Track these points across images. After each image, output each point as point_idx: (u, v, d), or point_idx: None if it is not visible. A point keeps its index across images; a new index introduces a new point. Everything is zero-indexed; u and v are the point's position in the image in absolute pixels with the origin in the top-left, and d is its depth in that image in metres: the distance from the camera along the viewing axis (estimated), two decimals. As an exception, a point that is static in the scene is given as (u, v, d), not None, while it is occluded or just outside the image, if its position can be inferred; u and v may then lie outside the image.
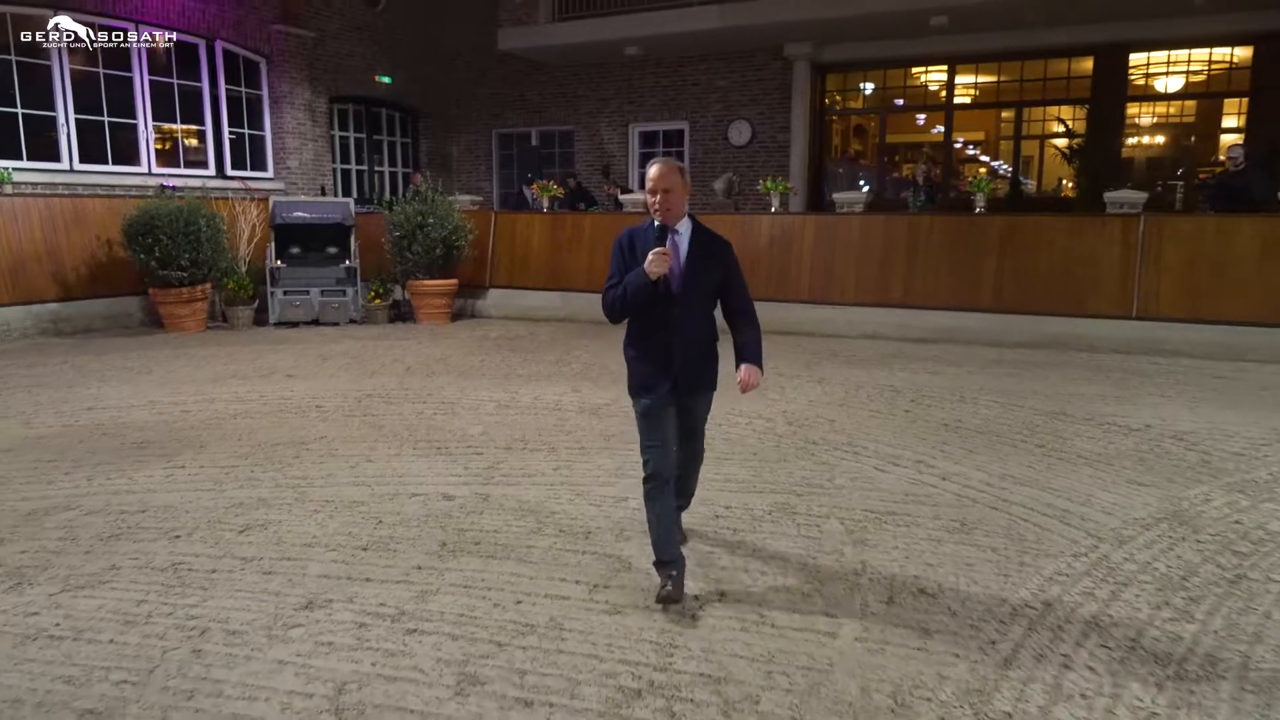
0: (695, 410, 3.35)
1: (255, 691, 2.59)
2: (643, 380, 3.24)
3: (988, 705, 2.52)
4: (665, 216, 3.08)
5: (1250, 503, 4.29)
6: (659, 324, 3.16)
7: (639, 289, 3.06)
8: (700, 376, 3.27)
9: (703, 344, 3.25)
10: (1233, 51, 11.78)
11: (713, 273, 3.20)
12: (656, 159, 3.21)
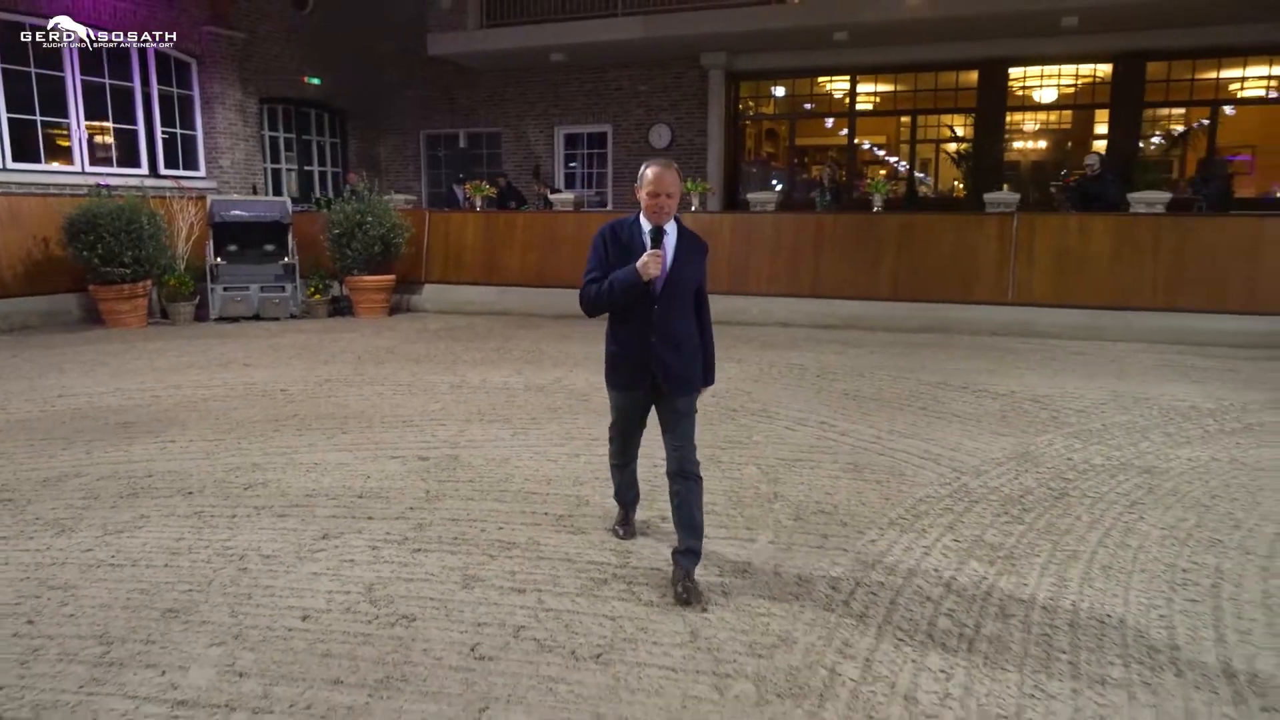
0: (679, 409, 3.26)
1: (301, 592, 3.26)
2: (621, 375, 3.31)
3: (867, 577, 3.39)
4: (661, 218, 3.13)
5: (1083, 445, 5.32)
6: (640, 322, 3.19)
7: (629, 287, 3.10)
8: (681, 375, 3.25)
9: (684, 343, 3.25)
10: (1096, 68, 13.21)
11: (695, 272, 3.26)
12: (654, 161, 3.19)
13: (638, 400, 3.34)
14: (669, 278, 3.16)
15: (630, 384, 3.29)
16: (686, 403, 3.29)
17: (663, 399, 3.28)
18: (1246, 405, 6.40)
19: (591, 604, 3.17)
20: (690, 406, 3.31)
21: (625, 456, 3.54)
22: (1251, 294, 8.98)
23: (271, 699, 2.54)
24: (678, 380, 3.25)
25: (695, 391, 3.33)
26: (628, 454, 3.54)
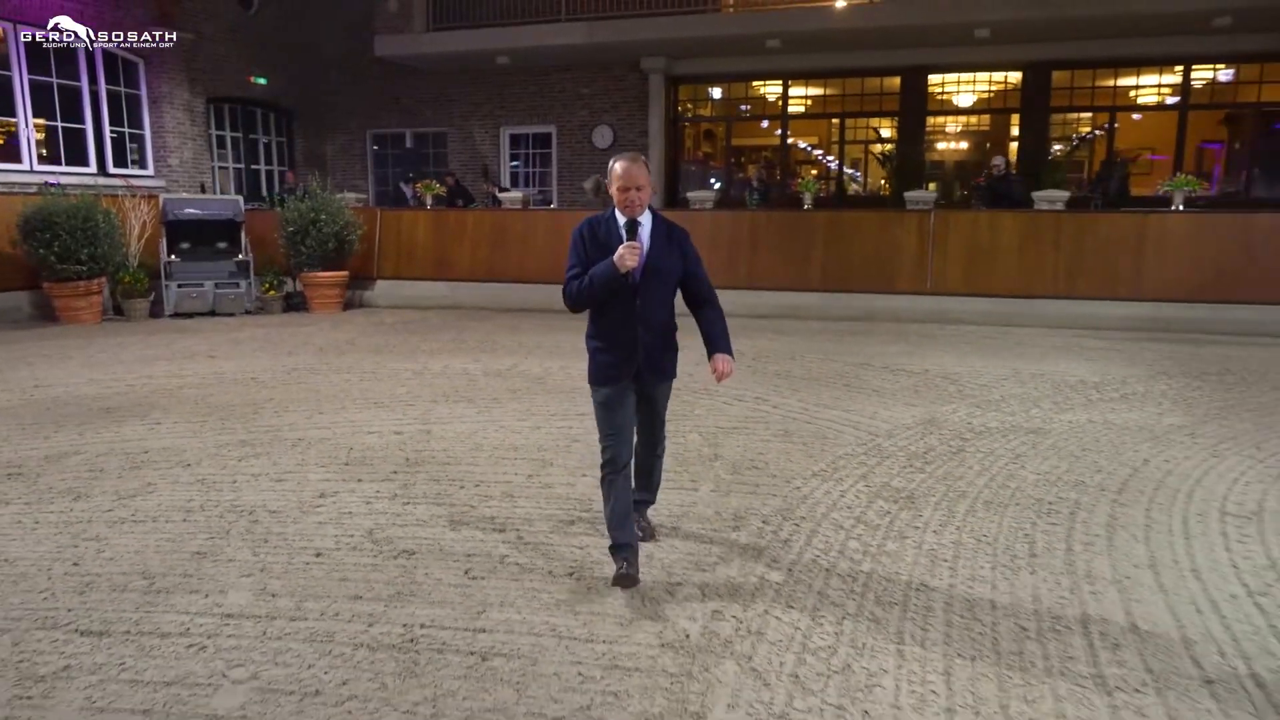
0: (656, 400, 3.44)
1: (310, 537, 3.78)
2: (605, 370, 3.31)
3: (792, 513, 4.05)
4: (634, 211, 3.18)
5: (981, 412, 6.09)
6: (622, 315, 3.25)
7: (608, 280, 3.15)
8: (662, 365, 3.35)
9: (664, 333, 3.34)
10: (1008, 76, 14.23)
11: (674, 262, 3.31)
12: (622, 155, 3.27)
13: (625, 393, 3.33)
14: (647, 268, 3.22)
15: (617, 377, 3.29)
16: (664, 390, 3.45)
17: (643, 391, 3.36)
18: (1125, 379, 7.29)
19: (563, 538, 3.76)
20: (666, 393, 3.48)
21: (621, 455, 3.33)
22: (1138, 283, 9.98)
23: (304, 610, 3.08)
24: (660, 370, 3.35)
25: (672, 379, 3.46)
26: (624, 453, 3.34)
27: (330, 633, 2.92)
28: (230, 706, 2.49)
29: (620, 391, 3.31)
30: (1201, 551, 3.66)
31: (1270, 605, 3.16)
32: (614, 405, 3.31)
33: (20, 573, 3.41)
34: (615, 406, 3.31)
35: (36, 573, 3.41)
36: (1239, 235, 9.87)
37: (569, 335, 9.47)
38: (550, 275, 11.82)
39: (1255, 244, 9.77)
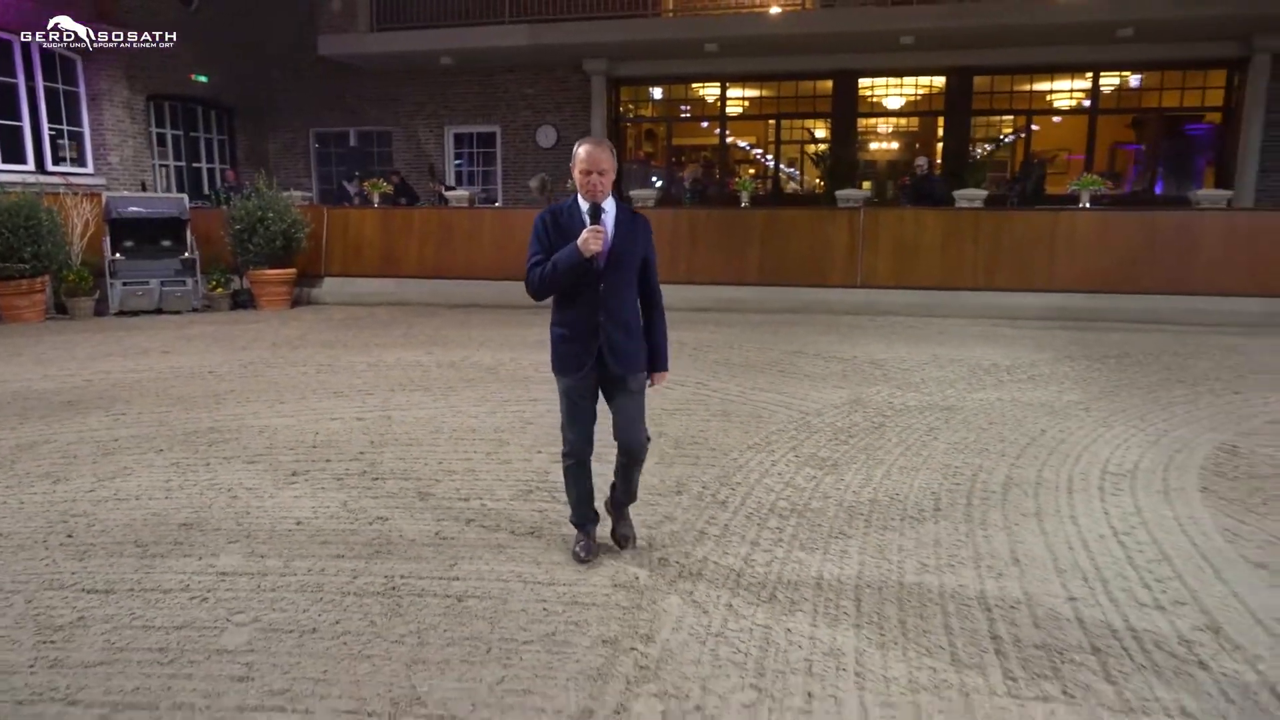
0: (627, 390, 3.33)
1: (288, 508, 4.11)
2: (567, 358, 3.28)
3: (729, 479, 4.51)
4: (597, 195, 3.14)
5: (902, 393, 6.64)
6: (586, 301, 3.22)
7: (571, 265, 3.12)
8: (628, 353, 3.29)
9: (628, 321, 3.29)
10: (933, 80, 14.98)
11: (637, 250, 3.28)
12: (586, 139, 3.23)
13: (587, 383, 3.29)
14: (611, 254, 3.20)
15: (579, 366, 3.25)
16: (636, 381, 3.34)
17: (612, 380, 3.30)
18: (1034, 362, 7.94)
19: (523, 505, 4.16)
20: (640, 385, 3.37)
21: (580, 450, 3.37)
22: (1051, 274, 10.73)
23: (292, 568, 3.42)
24: (627, 359, 3.28)
25: (642, 370, 3.36)
26: (584, 446, 3.37)
27: (319, 584, 3.27)
28: (238, 643, 2.83)
29: (583, 382, 3.27)
30: (1081, 503, 4.22)
31: (1130, 542, 3.72)
32: (577, 394, 3.29)
33: (18, 545, 3.67)
34: (578, 396, 3.29)
35: (34, 544, 3.68)
36: (1140, 231, 10.69)
37: (518, 329, 9.82)
38: (497, 271, 12.18)
39: (1155, 239, 10.60)
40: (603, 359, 3.25)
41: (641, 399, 3.40)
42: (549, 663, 2.72)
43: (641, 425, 3.41)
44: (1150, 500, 4.26)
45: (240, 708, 2.47)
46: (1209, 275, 10.34)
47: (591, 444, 3.40)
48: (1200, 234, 10.48)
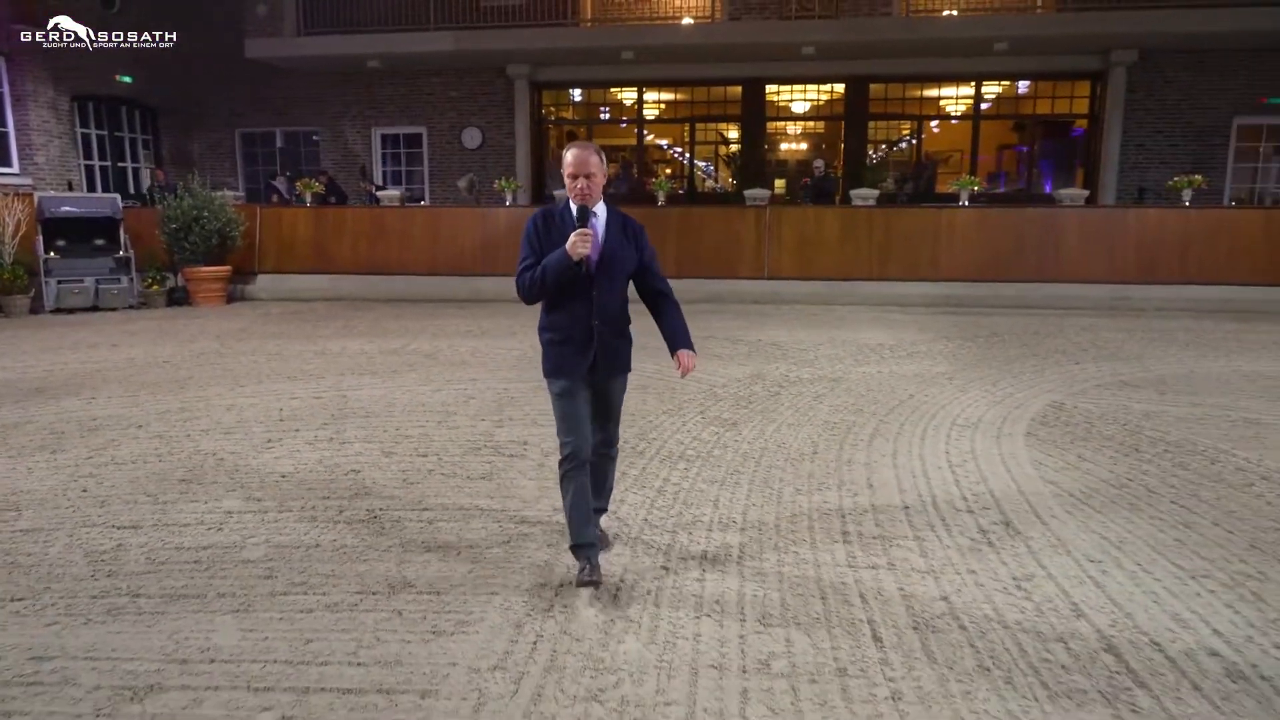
0: (611, 393, 3.40)
1: (272, 465, 4.81)
2: (560, 362, 3.28)
3: (644, 437, 5.39)
4: (585, 199, 3.15)
5: (798, 369, 7.65)
6: (580, 305, 3.22)
7: (561, 269, 3.11)
8: (617, 358, 3.33)
9: (619, 325, 3.33)
10: (833, 87, 16.17)
11: (629, 254, 3.29)
12: (574, 144, 3.25)
13: (580, 386, 3.30)
14: (603, 258, 3.22)
15: (574, 369, 3.26)
16: (621, 383, 3.42)
17: (599, 384, 3.33)
18: (914, 342, 9.07)
19: (474, 458, 4.96)
20: (622, 386, 3.44)
21: (579, 450, 3.31)
22: (936, 266, 11.96)
23: (287, 506, 4.15)
24: (618, 361, 3.34)
25: (628, 372, 3.45)
26: (581, 449, 3.31)
27: (313, 516, 4.02)
28: (257, 556, 3.57)
29: (577, 384, 3.28)
30: (930, 447, 5.24)
31: (960, 472, 4.74)
32: (571, 398, 3.28)
33: (41, 499, 4.30)
34: (572, 399, 3.28)
35: (55, 497, 4.31)
36: (1012, 226, 12.01)
37: (451, 321, 10.53)
38: (428, 267, 12.84)
39: (1023, 233, 11.93)
40: (596, 362, 3.27)
41: (621, 399, 3.48)
42: (506, 558, 3.55)
43: (618, 424, 3.52)
44: (984, 443, 5.31)
45: (272, 593, 3.23)
46: (1070, 265, 11.72)
47: (590, 441, 3.36)
48: (1062, 228, 11.86)
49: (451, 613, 3.07)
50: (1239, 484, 4.49)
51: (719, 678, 2.64)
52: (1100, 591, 3.25)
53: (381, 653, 2.79)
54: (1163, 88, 14.73)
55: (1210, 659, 2.75)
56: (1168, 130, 14.85)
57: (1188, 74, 14.64)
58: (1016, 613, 3.07)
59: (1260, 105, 14.65)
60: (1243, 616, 3.04)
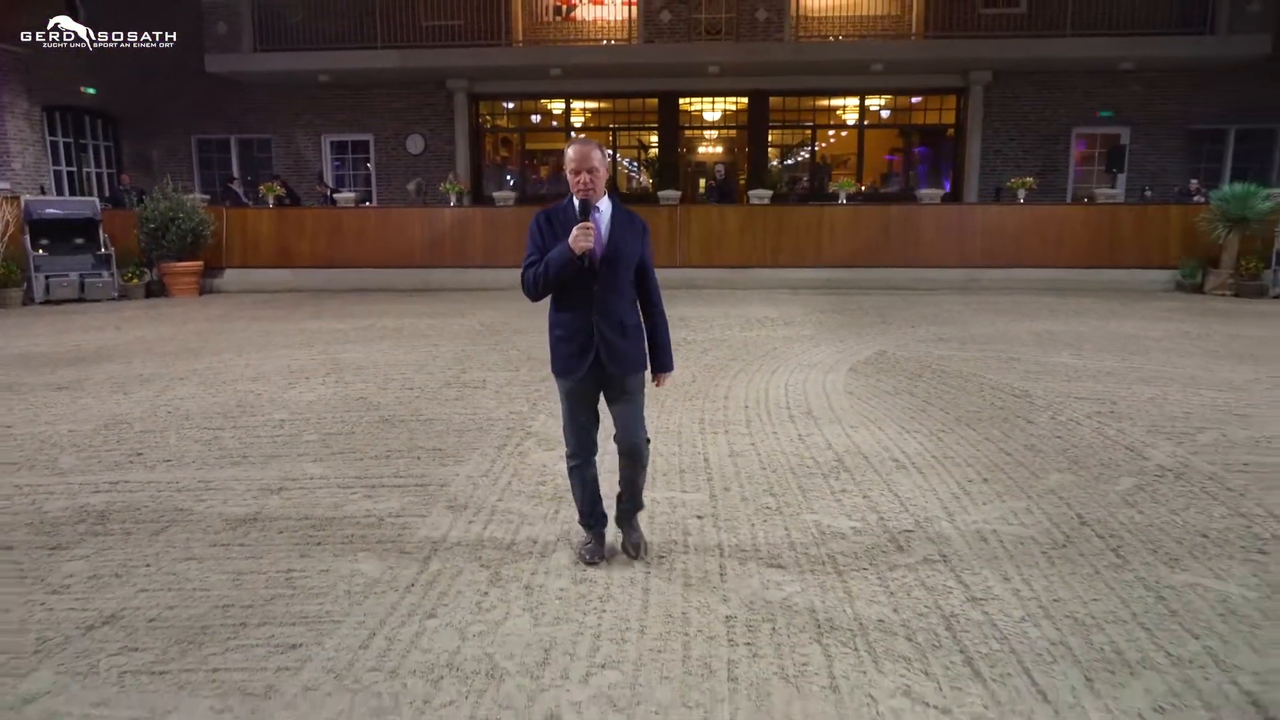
0: (625, 391, 3.32)
1: (301, 398, 6.60)
2: (566, 359, 3.29)
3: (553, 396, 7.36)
4: (588, 194, 3.15)
5: (695, 334, 9.66)
6: (581, 301, 3.21)
7: (563, 264, 3.11)
8: (624, 354, 3.28)
9: (625, 322, 3.28)
10: (738, 100, 18.33)
11: (633, 250, 3.27)
12: (576, 140, 3.24)
13: (586, 384, 3.31)
14: (606, 253, 3.21)
15: (577, 367, 3.27)
16: (634, 381, 3.34)
17: (610, 380, 3.31)
18: (793, 315, 11.20)
19: (448, 390, 6.84)
20: (638, 385, 3.36)
21: (584, 450, 3.42)
22: (819, 254, 14.17)
23: (323, 418, 5.98)
24: (623, 359, 3.28)
25: (641, 371, 3.37)
26: (586, 448, 3.42)
27: (342, 419, 5.86)
28: (314, 439, 5.41)
29: (582, 383, 3.30)
30: (775, 378, 7.30)
31: (793, 392, 6.80)
32: (577, 396, 3.33)
33: (139, 416, 6.02)
34: (578, 398, 3.33)
35: (149, 416, 6.04)
36: (881, 220, 14.29)
37: (409, 305, 12.30)
38: (382, 261, 14.52)
39: (891, 226, 14.22)
40: (600, 360, 3.25)
41: (640, 399, 3.40)
42: (480, 436, 5.46)
43: (641, 426, 3.40)
44: (815, 375, 7.40)
45: (332, 452, 5.08)
46: (928, 252, 14.06)
47: (595, 444, 3.45)
48: (921, 222, 14.20)
49: (448, 458, 4.99)
50: (974, 390, 6.67)
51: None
52: (848, 439, 5.34)
53: (409, 472, 4.69)
54: (1013, 103, 17.29)
55: (891, 462, 4.84)
56: (1019, 138, 17.41)
57: (1034, 91, 17.22)
58: (792, 449, 5.14)
59: (1094, 118, 17.32)
60: (924, 447, 5.15)
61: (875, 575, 3.42)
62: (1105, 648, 2.83)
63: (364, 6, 16.70)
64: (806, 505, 4.22)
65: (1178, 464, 4.77)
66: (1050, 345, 8.71)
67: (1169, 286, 13.55)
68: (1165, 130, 17.25)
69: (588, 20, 18.04)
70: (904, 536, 3.81)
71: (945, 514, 4.07)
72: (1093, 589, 3.27)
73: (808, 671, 2.71)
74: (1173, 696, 2.55)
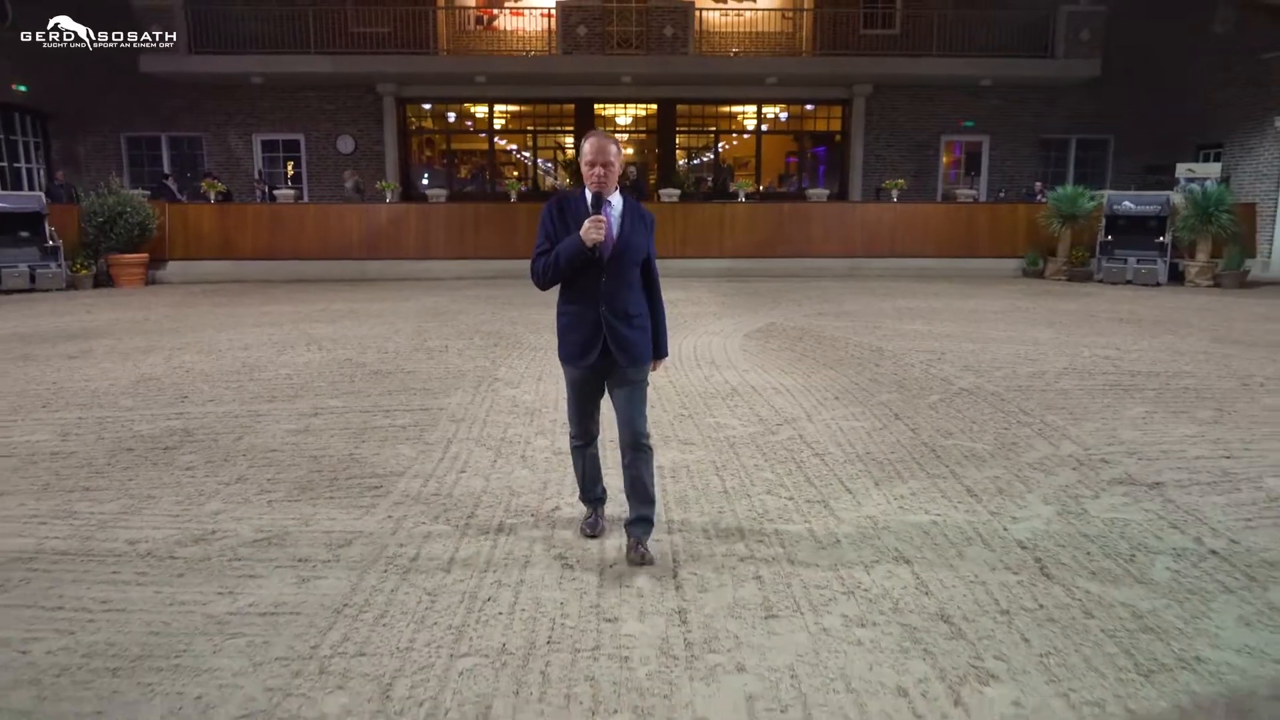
0: (628, 382, 3.39)
1: (294, 361, 7.90)
2: (572, 348, 3.37)
3: (502, 365, 8.88)
4: (601, 187, 3.22)
5: (616, 312, 11.28)
6: (589, 292, 3.30)
7: (573, 255, 3.20)
8: (631, 346, 3.35)
9: (632, 314, 3.36)
10: (648, 107, 20.04)
11: (641, 244, 3.36)
12: (593, 132, 3.32)
13: (590, 373, 3.39)
14: (616, 246, 3.28)
15: (582, 356, 3.34)
16: (637, 373, 3.40)
17: (614, 371, 3.37)
18: (701, 297, 12.94)
19: (418, 353, 8.25)
20: (641, 377, 3.42)
21: (585, 434, 3.56)
22: (722, 246, 15.98)
23: (323, 373, 7.32)
24: (629, 351, 3.34)
25: (646, 363, 3.43)
26: (587, 431, 3.55)
27: (339, 373, 7.23)
28: (324, 384, 6.78)
29: (587, 372, 3.38)
30: (686, 343, 8.95)
31: (699, 351, 8.47)
32: (581, 384, 3.43)
33: (159, 375, 7.23)
34: (582, 386, 3.43)
35: (170, 375, 7.26)
36: (775, 216, 16.20)
37: (352, 292, 13.52)
38: (319, 253, 15.62)
39: (784, 221, 16.15)
40: (607, 351, 3.33)
41: (643, 391, 3.45)
42: (456, 382, 6.93)
43: (642, 418, 3.45)
44: (719, 339, 9.10)
45: (345, 391, 6.47)
46: (817, 244, 16.04)
47: (597, 428, 3.61)
48: (811, 218, 16.18)
49: (437, 394, 6.46)
50: (840, 348, 8.48)
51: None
52: (741, 378, 7.04)
53: (411, 403, 6.15)
54: (891, 113, 19.53)
55: (772, 390, 6.56)
56: (896, 144, 19.68)
57: (908, 103, 19.50)
58: (700, 384, 6.81)
59: (960, 127, 19.72)
60: (797, 382, 6.89)
61: (754, 446, 5.10)
62: (891, 470, 4.58)
63: (297, 11, 17.68)
64: (709, 414, 5.89)
65: (973, 387, 6.65)
66: (907, 317, 10.68)
67: (1016, 273, 15.91)
68: (1019, 139, 19.80)
69: (509, 31, 19.43)
70: (776, 428, 5.51)
71: (805, 416, 5.79)
72: (894, 449, 5.03)
73: (710, 487, 4.37)
74: (925, 491, 4.31)
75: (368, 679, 2.64)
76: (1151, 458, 4.85)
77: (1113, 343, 8.71)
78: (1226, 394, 6.39)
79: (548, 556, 3.57)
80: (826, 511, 4.07)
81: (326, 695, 2.55)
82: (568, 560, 3.53)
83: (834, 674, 2.67)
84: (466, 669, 2.69)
